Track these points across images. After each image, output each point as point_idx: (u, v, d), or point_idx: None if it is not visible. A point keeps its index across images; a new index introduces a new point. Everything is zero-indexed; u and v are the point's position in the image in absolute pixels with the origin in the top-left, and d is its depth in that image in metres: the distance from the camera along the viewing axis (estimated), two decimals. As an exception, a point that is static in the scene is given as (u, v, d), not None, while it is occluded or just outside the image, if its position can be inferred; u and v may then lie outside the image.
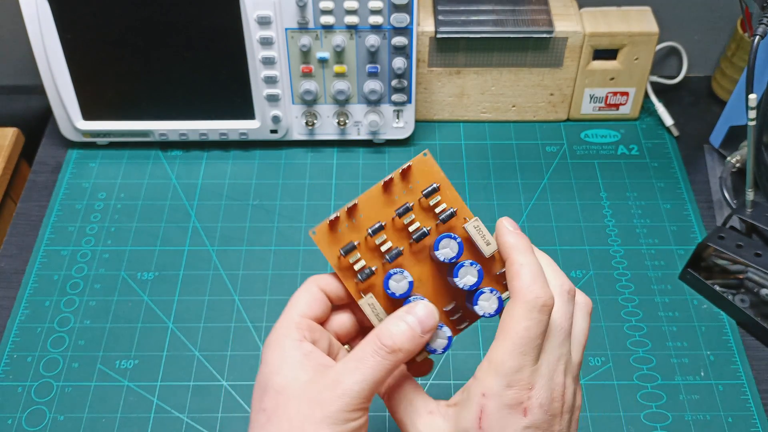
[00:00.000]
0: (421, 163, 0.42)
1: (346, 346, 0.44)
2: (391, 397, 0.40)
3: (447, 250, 0.41)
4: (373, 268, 0.41)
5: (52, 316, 0.66)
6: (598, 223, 0.72)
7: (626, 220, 0.72)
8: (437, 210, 0.42)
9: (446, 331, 0.40)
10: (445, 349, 0.40)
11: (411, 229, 0.42)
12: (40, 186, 0.76)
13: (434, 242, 0.41)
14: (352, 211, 0.42)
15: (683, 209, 0.73)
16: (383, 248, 0.41)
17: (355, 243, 0.41)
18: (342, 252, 0.41)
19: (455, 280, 0.40)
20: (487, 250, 0.41)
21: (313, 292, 0.42)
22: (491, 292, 0.40)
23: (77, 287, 0.68)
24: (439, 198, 0.42)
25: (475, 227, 0.41)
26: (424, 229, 0.42)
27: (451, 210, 0.42)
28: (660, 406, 0.60)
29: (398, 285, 0.41)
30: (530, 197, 0.74)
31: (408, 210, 0.42)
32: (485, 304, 0.40)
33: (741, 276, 0.65)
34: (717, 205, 0.74)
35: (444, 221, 0.42)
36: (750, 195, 0.66)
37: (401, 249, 0.41)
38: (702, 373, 0.62)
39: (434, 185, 0.42)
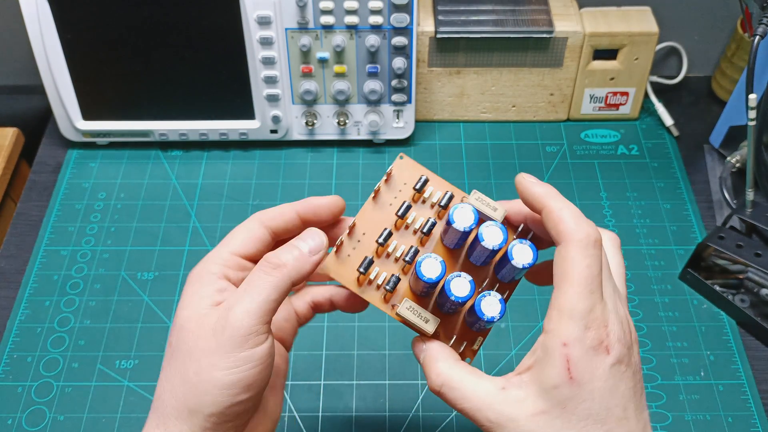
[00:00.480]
0: (400, 165, 0.42)
1: None
2: (448, 391, 0.38)
3: (463, 221, 0.39)
4: (397, 275, 0.41)
5: (52, 316, 0.66)
6: (598, 223, 0.72)
7: (626, 220, 0.72)
8: (434, 199, 0.42)
9: (496, 295, 0.39)
10: (502, 313, 0.39)
11: (417, 225, 0.42)
12: (40, 186, 0.76)
13: (449, 224, 0.40)
14: (352, 232, 0.41)
15: (683, 209, 0.73)
16: (398, 252, 0.41)
17: (370, 257, 0.41)
18: (361, 270, 0.40)
19: (482, 243, 0.39)
20: (498, 216, 0.40)
21: (251, 229, 0.41)
22: (521, 242, 0.39)
23: (77, 287, 0.68)
24: (432, 188, 0.42)
25: (477, 199, 0.40)
26: (432, 219, 0.41)
27: (449, 193, 0.42)
28: (660, 406, 0.60)
29: (432, 268, 0.39)
30: (530, 197, 0.74)
31: (408, 207, 0.41)
32: (520, 256, 0.39)
33: (741, 276, 0.65)
34: (717, 205, 0.74)
35: (444, 206, 0.42)
36: (750, 195, 0.66)
37: (416, 247, 0.41)
38: (702, 373, 0.62)
39: (423, 177, 0.42)
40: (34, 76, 0.75)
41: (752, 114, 0.63)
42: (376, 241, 0.41)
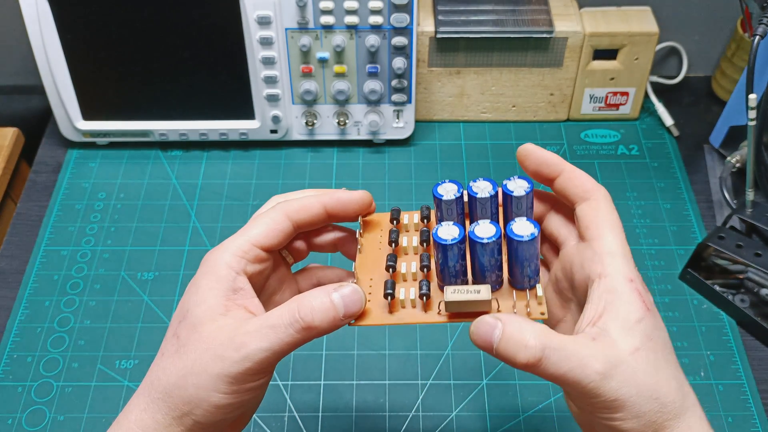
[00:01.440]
0: (365, 223, 0.43)
1: (289, 257, 0.43)
2: (552, 354, 0.34)
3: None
4: (427, 280, 0.39)
5: (52, 316, 0.66)
6: (598, 223, 0.72)
7: (626, 220, 0.72)
8: (415, 220, 0.42)
9: (520, 218, 0.37)
10: (537, 229, 0.37)
11: (414, 243, 0.41)
12: (40, 186, 0.76)
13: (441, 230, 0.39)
14: (361, 284, 0.40)
15: (683, 209, 0.73)
16: (412, 269, 0.40)
17: (391, 280, 0.39)
18: (389, 291, 0.38)
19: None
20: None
21: (276, 221, 0.40)
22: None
23: (77, 287, 0.68)
24: (406, 216, 0.42)
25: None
26: (423, 228, 0.41)
27: (424, 207, 0.42)
28: (660, 406, 0.60)
29: (449, 231, 0.37)
30: (530, 197, 0.74)
31: (397, 233, 0.41)
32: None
33: (741, 276, 0.65)
34: (717, 205, 0.74)
35: (426, 216, 0.42)
36: (750, 195, 0.66)
37: (426, 253, 0.40)
38: (702, 373, 0.62)
39: (393, 211, 0.42)
40: (34, 76, 0.75)
41: (752, 114, 0.63)
42: (387, 270, 0.39)
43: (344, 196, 0.41)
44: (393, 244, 0.41)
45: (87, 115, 0.75)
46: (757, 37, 0.61)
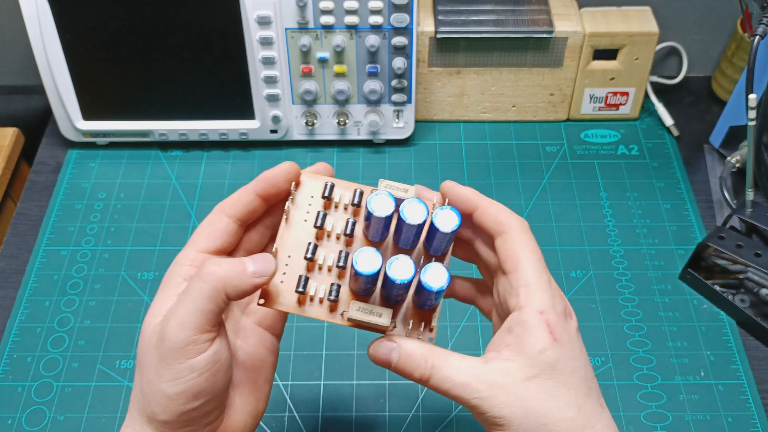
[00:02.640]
0: (303, 181, 0.42)
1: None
2: (438, 372, 0.38)
3: (382, 208, 0.39)
4: (337, 283, 0.40)
5: (52, 316, 0.66)
6: (598, 223, 0.72)
7: (626, 220, 0.72)
8: (346, 200, 0.41)
9: (437, 264, 0.38)
10: (449, 280, 0.38)
11: (338, 230, 0.41)
12: (40, 186, 0.76)
13: (370, 216, 0.39)
14: (277, 259, 0.40)
15: (683, 209, 0.73)
16: (329, 262, 0.40)
17: (305, 275, 0.40)
18: (300, 290, 0.39)
19: (407, 222, 0.38)
20: (411, 194, 0.40)
21: (214, 223, 0.40)
22: (442, 209, 0.39)
23: (77, 287, 0.68)
24: (340, 191, 0.41)
25: (386, 186, 0.40)
26: (351, 219, 0.41)
27: (358, 190, 0.41)
28: (660, 406, 0.60)
29: (369, 261, 0.38)
30: (530, 197, 0.74)
31: (324, 216, 0.41)
32: (445, 222, 0.39)
33: (741, 276, 0.65)
34: (717, 205, 0.74)
35: (358, 204, 0.41)
36: (750, 195, 0.66)
37: (344, 250, 0.40)
38: (702, 373, 0.62)
39: (328, 184, 0.41)
40: (34, 76, 0.75)
41: (752, 114, 0.63)
42: (305, 258, 0.40)
43: (270, 174, 0.41)
44: (317, 229, 0.41)
45: (87, 115, 0.75)
46: (757, 37, 0.61)
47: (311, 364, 0.63)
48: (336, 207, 0.42)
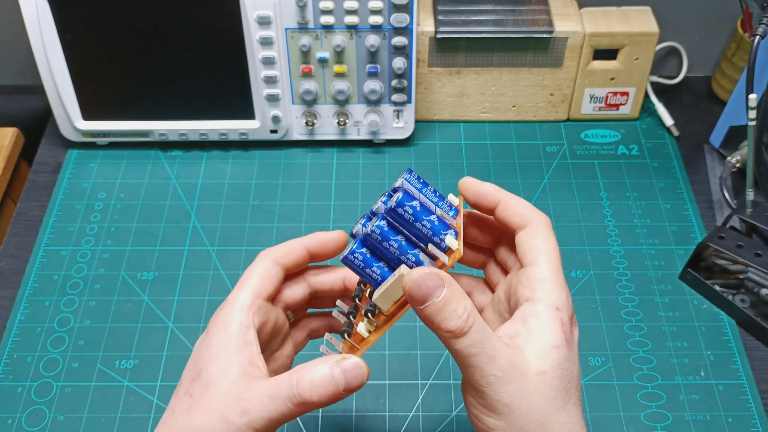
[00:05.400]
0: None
1: (291, 316, 0.45)
2: (469, 339, 0.35)
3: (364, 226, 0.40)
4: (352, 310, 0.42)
5: (52, 316, 0.66)
6: (598, 223, 0.72)
7: (626, 220, 0.72)
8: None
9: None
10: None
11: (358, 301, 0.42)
12: (40, 186, 0.76)
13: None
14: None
15: (683, 209, 0.73)
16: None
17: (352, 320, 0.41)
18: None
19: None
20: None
21: (267, 268, 0.41)
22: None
23: (77, 287, 0.68)
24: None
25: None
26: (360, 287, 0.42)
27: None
28: (660, 406, 0.60)
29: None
30: (530, 197, 0.74)
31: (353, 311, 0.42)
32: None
33: (741, 276, 0.65)
34: (717, 205, 0.74)
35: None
36: (750, 195, 0.66)
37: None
38: (702, 373, 0.62)
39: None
40: (34, 76, 0.75)
41: (752, 114, 0.63)
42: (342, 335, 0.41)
43: (324, 236, 0.43)
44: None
45: (87, 115, 0.75)
46: (757, 37, 0.61)
47: (311, 364, 0.62)
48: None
